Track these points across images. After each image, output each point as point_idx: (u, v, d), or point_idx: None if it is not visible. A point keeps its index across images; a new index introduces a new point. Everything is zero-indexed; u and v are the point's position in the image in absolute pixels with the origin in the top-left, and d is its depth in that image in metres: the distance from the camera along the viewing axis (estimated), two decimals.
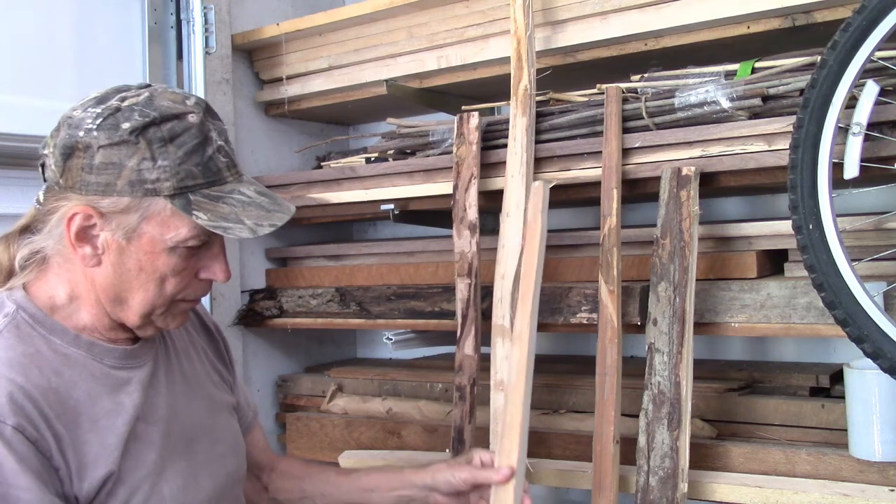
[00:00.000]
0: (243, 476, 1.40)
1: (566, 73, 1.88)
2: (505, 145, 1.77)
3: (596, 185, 1.68)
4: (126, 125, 1.10)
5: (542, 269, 1.31)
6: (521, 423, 1.23)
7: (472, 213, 1.78)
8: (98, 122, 1.11)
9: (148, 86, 1.18)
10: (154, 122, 1.11)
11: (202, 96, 2.09)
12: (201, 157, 1.14)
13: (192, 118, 1.14)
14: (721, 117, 1.59)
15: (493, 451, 1.31)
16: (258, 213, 1.18)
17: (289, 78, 2.25)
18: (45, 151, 1.15)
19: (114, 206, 1.11)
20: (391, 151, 2.02)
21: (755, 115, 1.57)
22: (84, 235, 1.14)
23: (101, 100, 1.14)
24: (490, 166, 1.82)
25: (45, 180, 1.17)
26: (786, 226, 1.47)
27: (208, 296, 2.10)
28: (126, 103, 1.12)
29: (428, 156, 1.94)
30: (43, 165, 1.17)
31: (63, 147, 1.12)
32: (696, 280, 1.57)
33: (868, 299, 1.33)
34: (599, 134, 1.69)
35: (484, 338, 1.75)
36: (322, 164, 2.26)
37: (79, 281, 1.18)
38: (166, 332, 1.32)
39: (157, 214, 1.12)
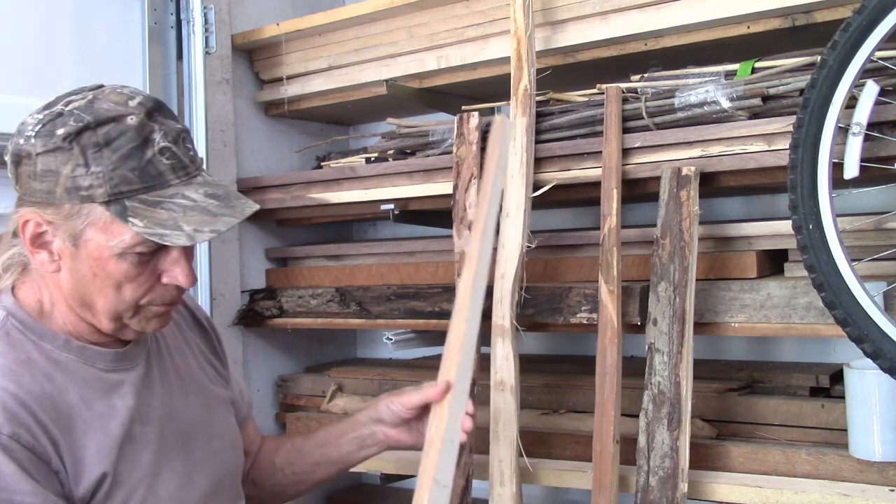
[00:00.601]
0: (241, 470, 1.41)
1: (566, 73, 1.88)
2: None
3: (596, 185, 1.68)
4: (60, 131, 1.09)
5: (498, 199, 1.28)
6: (462, 341, 1.17)
7: (472, 213, 1.78)
8: (37, 128, 1.10)
9: (100, 86, 1.16)
10: (88, 126, 1.09)
11: (202, 96, 2.09)
12: (139, 161, 1.10)
13: (131, 120, 1.10)
14: (721, 117, 1.59)
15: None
16: (201, 217, 1.12)
17: (289, 78, 2.25)
18: (6, 158, 1.15)
19: (57, 213, 1.11)
20: (391, 151, 2.02)
21: (755, 115, 1.57)
22: (39, 242, 1.14)
23: (48, 105, 1.13)
24: None
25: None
26: (786, 226, 1.47)
27: (208, 295, 2.09)
28: (69, 107, 1.11)
29: (428, 156, 1.94)
30: None
31: (12, 154, 1.13)
32: (696, 280, 1.57)
33: (868, 299, 1.33)
34: (599, 134, 1.69)
35: (484, 338, 1.75)
36: (322, 164, 2.26)
37: (51, 286, 1.18)
38: (159, 331, 1.32)
39: (97, 221, 1.10)
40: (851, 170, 1.37)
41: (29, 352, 1.15)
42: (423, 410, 1.35)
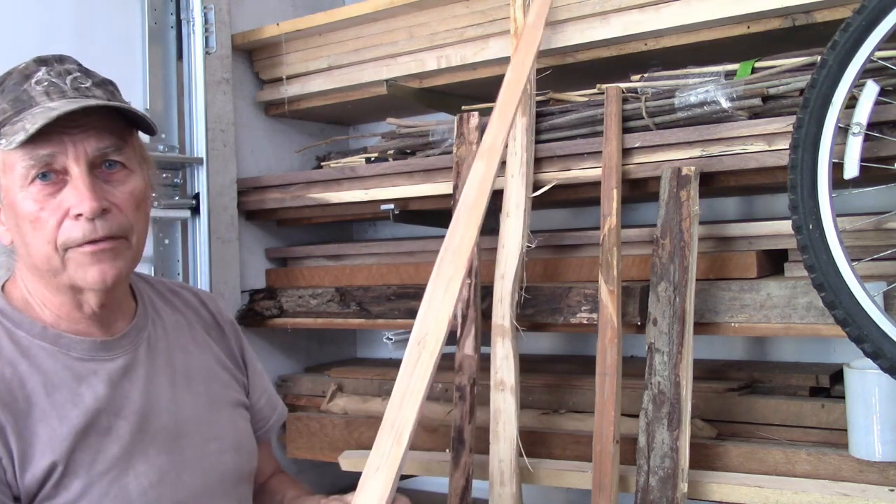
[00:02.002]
0: (248, 476, 1.38)
1: (566, 73, 1.88)
2: (505, 145, 1.77)
3: (596, 185, 1.68)
4: None
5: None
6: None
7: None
8: None
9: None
10: None
11: (202, 96, 2.09)
12: (15, 93, 1.15)
13: (20, 66, 1.18)
14: (721, 117, 1.59)
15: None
16: (43, 113, 1.11)
17: (289, 78, 2.25)
18: None
19: None
20: (391, 151, 2.02)
21: (755, 115, 1.57)
22: None
23: None
24: None
25: None
26: (786, 226, 1.47)
27: None
28: None
29: (428, 156, 1.94)
30: None
31: None
32: (696, 280, 1.57)
33: (868, 299, 1.33)
34: (599, 134, 1.69)
35: (484, 338, 1.75)
36: (322, 164, 2.26)
37: (25, 277, 1.22)
38: (160, 326, 1.32)
39: (2, 162, 1.15)
40: (851, 170, 1.37)
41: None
42: None
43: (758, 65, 1.63)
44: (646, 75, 1.75)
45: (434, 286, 1.12)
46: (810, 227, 1.37)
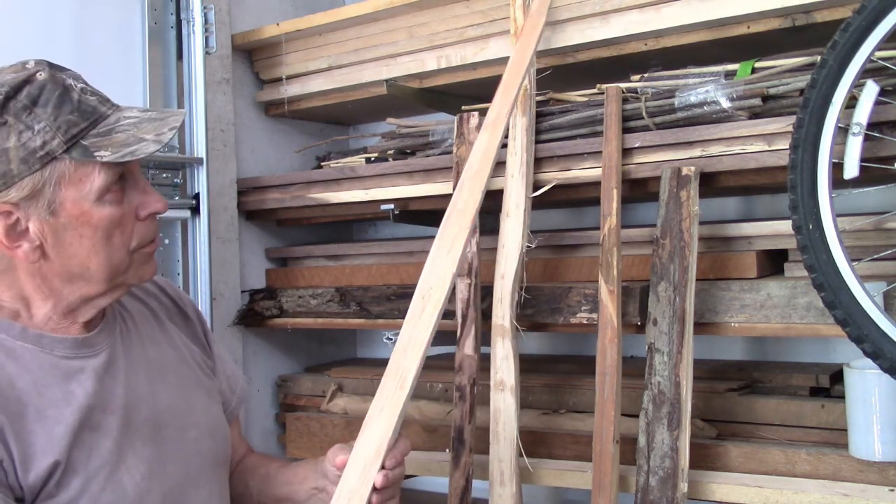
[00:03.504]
0: (224, 460, 1.39)
1: (566, 73, 1.88)
2: (505, 145, 1.77)
3: (596, 185, 1.68)
4: None
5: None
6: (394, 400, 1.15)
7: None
8: None
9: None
10: (9, 96, 1.10)
11: (202, 96, 2.10)
12: (71, 105, 1.13)
13: (41, 76, 1.13)
14: (721, 117, 1.59)
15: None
16: (152, 125, 1.16)
17: (289, 78, 2.25)
18: None
19: (21, 191, 1.10)
20: (391, 151, 2.02)
21: (755, 115, 1.57)
22: (13, 234, 1.13)
23: None
24: None
25: None
26: (786, 226, 1.47)
27: (208, 295, 2.09)
28: None
29: (428, 156, 1.94)
30: None
31: None
32: (696, 280, 1.57)
33: (868, 299, 1.33)
34: (599, 134, 1.69)
35: (484, 338, 1.75)
36: (322, 164, 2.26)
37: (23, 283, 1.17)
38: (128, 319, 1.32)
39: (65, 176, 1.11)
40: (851, 170, 1.37)
41: None
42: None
43: (758, 65, 1.63)
44: (646, 75, 1.75)
45: (438, 245, 1.16)
46: (810, 227, 1.37)
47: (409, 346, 1.13)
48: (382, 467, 1.21)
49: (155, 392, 1.28)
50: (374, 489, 1.21)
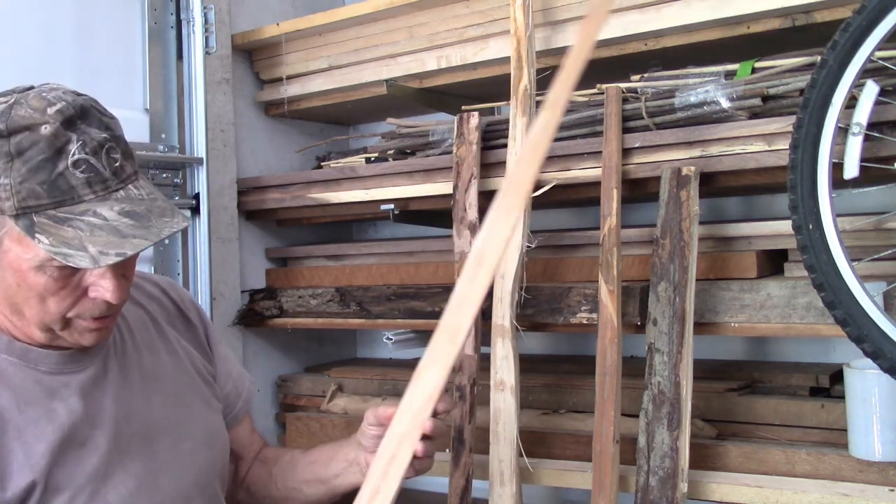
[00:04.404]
0: (221, 471, 1.36)
1: None
2: (505, 145, 1.77)
3: (596, 185, 1.68)
4: None
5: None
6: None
7: (472, 213, 1.78)
8: None
9: (29, 88, 1.10)
10: (1, 134, 1.04)
11: (202, 96, 2.09)
12: (48, 174, 1.03)
13: (45, 129, 1.03)
14: (721, 117, 1.59)
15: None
16: (108, 238, 1.04)
17: (289, 78, 2.25)
18: None
19: None
20: (391, 151, 2.02)
21: (755, 115, 1.57)
22: None
23: None
24: (490, 166, 1.82)
25: None
26: (786, 226, 1.47)
27: (208, 295, 2.09)
28: None
29: (428, 156, 1.94)
30: None
31: None
32: (696, 280, 1.57)
33: (868, 299, 1.33)
34: (599, 134, 1.69)
35: (484, 338, 1.75)
36: (322, 164, 2.26)
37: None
38: (124, 327, 1.28)
39: (10, 232, 1.05)
40: (851, 170, 1.37)
41: None
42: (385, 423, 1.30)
43: (758, 65, 1.63)
44: (646, 75, 1.75)
45: (496, 212, 1.15)
46: (810, 227, 1.37)
47: (462, 304, 1.13)
48: (435, 415, 1.21)
49: (149, 403, 1.25)
50: (423, 437, 1.20)
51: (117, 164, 1.08)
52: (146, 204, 1.10)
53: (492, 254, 1.15)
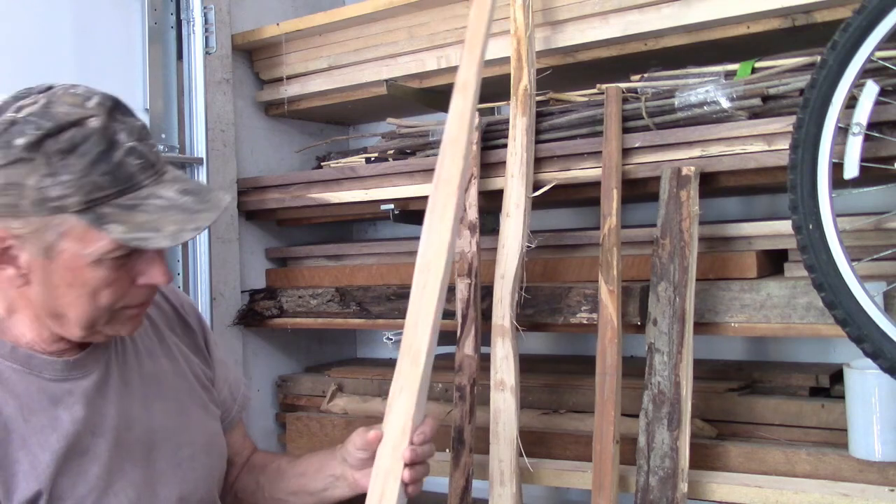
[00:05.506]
0: (219, 477, 1.36)
1: (566, 73, 1.88)
2: (505, 145, 1.77)
3: (596, 185, 1.68)
4: (20, 141, 1.02)
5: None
6: (428, 346, 1.12)
7: (473, 213, 1.78)
8: None
9: (49, 88, 1.09)
10: (50, 133, 1.03)
11: (202, 96, 2.09)
12: (108, 166, 1.04)
13: (94, 122, 1.05)
14: (721, 117, 1.59)
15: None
16: (179, 216, 1.08)
17: (289, 78, 2.25)
18: None
19: (25, 226, 1.05)
20: (391, 151, 2.02)
21: (755, 115, 1.57)
22: (4, 257, 1.08)
23: None
24: (490, 166, 1.82)
25: None
26: (786, 226, 1.47)
27: (208, 295, 2.09)
28: (22, 114, 1.04)
29: (428, 156, 1.94)
30: None
31: None
32: (696, 280, 1.57)
33: (868, 299, 1.33)
34: (599, 134, 1.69)
35: (484, 338, 1.75)
36: (322, 164, 2.26)
37: (15, 297, 1.13)
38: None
39: (71, 231, 1.05)
40: (851, 170, 1.37)
41: None
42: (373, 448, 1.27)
43: (758, 65, 1.63)
44: (646, 75, 1.75)
45: (430, 217, 1.16)
46: (810, 227, 1.37)
47: (417, 321, 1.13)
48: (411, 443, 1.19)
49: (149, 409, 1.25)
50: (405, 465, 1.19)
51: (155, 148, 1.12)
52: (194, 182, 1.14)
53: (436, 260, 1.15)
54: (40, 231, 1.05)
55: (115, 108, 1.09)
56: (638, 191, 1.69)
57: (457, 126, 1.19)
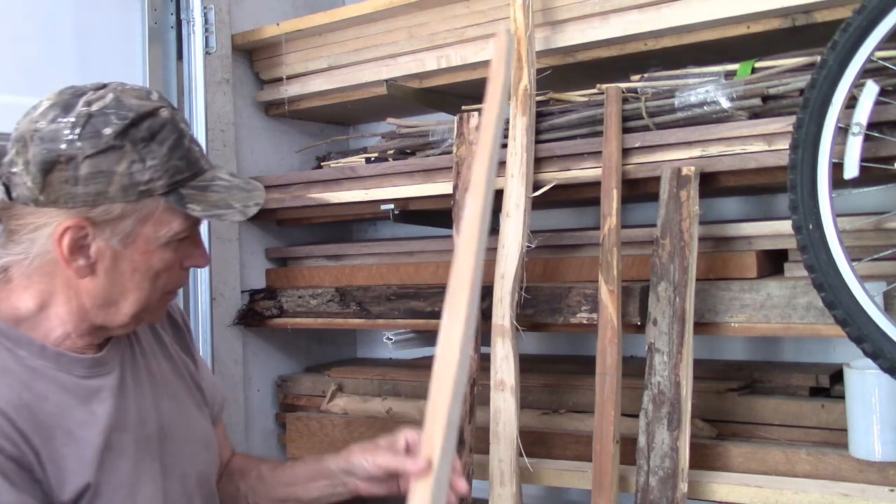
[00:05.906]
0: (215, 473, 1.38)
1: (566, 73, 1.88)
2: (505, 145, 1.77)
3: (596, 185, 1.68)
4: (108, 130, 1.09)
5: (502, 125, 1.19)
6: (451, 392, 1.00)
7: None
8: (77, 131, 1.08)
9: (104, 85, 1.15)
10: (133, 122, 1.11)
11: (202, 96, 2.10)
12: (182, 151, 1.15)
13: (164, 113, 1.14)
14: (721, 117, 1.59)
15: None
16: (241, 194, 1.20)
17: (289, 78, 2.25)
18: (15, 170, 1.10)
19: (106, 214, 1.10)
20: (391, 151, 2.02)
21: (755, 115, 1.57)
22: (76, 248, 1.11)
23: (65, 107, 1.11)
24: None
25: (10, 198, 1.12)
26: (786, 226, 1.47)
27: (208, 295, 2.09)
28: (95, 107, 1.10)
29: (428, 156, 1.94)
30: (7, 183, 1.12)
31: (41, 163, 1.08)
32: (696, 280, 1.57)
33: (868, 299, 1.33)
34: (599, 134, 1.69)
35: (484, 338, 1.75)
36: (322, 164, 2.26)
37: (55, 291, 1.15)
38: (132, 332, 1.29)
39: (150, 214, 1.13)
40: (851, 170, 1.37)
41: (5, 360, 1.12)
42: (395, 473, 1.29)
43: (758, 65, 1.63)
44: (646, 75, 1.75)
45: (445, 316, 1.04)
46: (810, 227, 1.37)
47: (435, 418, 1.02)
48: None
49: (158, 407, 1.27)
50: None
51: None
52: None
53: (449, 358, 1.02)
54: (122, 217, 1.11)
55: (171, 105, 1.19)
56: (638, 191, 1.69)
57: (471, 226, 1.12)
